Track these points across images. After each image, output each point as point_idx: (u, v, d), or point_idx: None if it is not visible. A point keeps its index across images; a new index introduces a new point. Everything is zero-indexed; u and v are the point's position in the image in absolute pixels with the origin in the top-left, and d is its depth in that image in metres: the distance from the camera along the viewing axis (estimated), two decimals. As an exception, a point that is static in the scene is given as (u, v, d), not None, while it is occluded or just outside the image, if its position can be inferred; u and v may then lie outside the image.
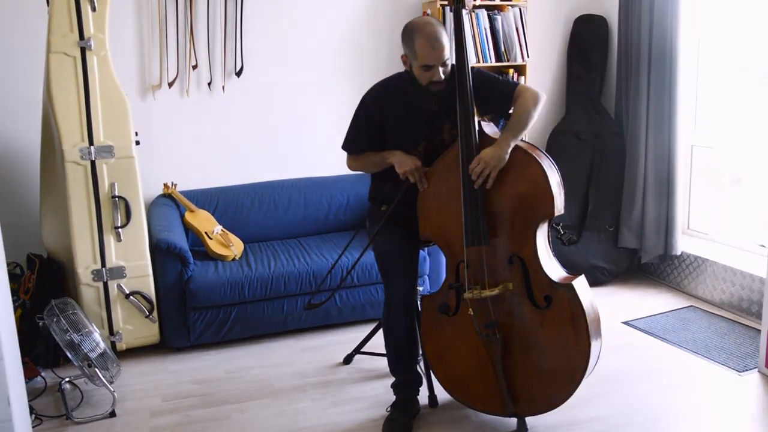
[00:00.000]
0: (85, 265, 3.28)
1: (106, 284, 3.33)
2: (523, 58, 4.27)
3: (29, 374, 3.10)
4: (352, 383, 3.16)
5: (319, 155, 4.30)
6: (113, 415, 2.92)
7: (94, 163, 3.23)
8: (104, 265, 3.31)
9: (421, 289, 3.35)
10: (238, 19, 4.04)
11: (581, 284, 2.51)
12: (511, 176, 2.48)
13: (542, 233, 2.54)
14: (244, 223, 4.03)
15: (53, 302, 3.05)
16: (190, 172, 4.11)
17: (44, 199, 3.55)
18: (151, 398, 3.08)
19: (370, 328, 3.43)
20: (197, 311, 3.47)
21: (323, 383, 3.16)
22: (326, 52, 4.27)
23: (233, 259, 3.72)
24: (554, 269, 2.56)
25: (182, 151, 4.10)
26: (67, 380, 3.12)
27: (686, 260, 4.11)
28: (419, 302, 2.75)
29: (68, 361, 3.03)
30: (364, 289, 3.69)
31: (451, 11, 2.58)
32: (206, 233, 3.78)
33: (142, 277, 3.39)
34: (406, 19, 3.50)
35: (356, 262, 2.92)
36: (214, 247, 3.72)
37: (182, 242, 3.48)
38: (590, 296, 2.54)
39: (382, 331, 2.85)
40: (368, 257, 3.46)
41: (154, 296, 3.43)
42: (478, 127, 2.53)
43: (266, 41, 4.14)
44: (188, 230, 3.81)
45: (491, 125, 2.64)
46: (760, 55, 3.87)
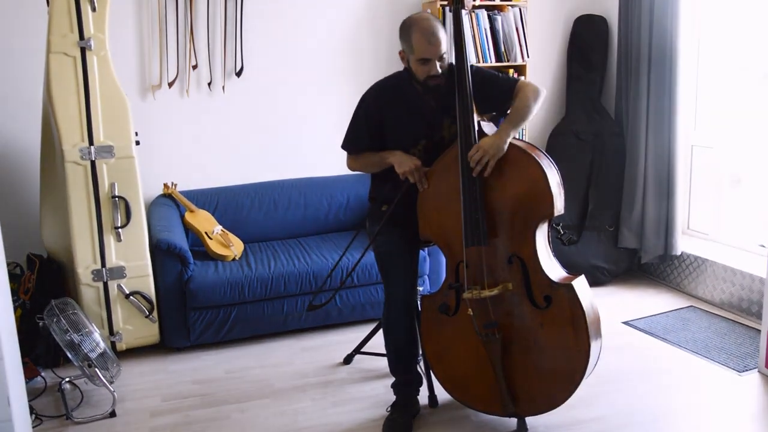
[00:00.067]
0: (85, 265, 3.28)
1: (106, 284, 3.33)
2: (523, 58, 4.27)
3: (29, 374, 3.10)
4: (352, 383, 3.16)
5: (319, 155, 4.30)
6: (113, 415, 2.92)
7: (94, 163, 3.23)
8: (104, 265, 3.31)
9: (421, 289, 3.35)
10: (238, 19, 4.04)
11: (581, 284, 2.51)
12: (510, 176, 2.49)
13: (542, 233, 2.54)
14: (244, 223, 4.03)
15: (53, 302, 3.05)
16: (190, 172, 4.11)
17: (44, 199, 3.55)
18: (151, 398, 3.08)
19: (370, 328, 3.43)
20: (197, 311, 3.47)
21: (323, 383, 3.16)
22: (326, 52, 4.27)
23: (233, 259, 3.72)
24: (554, 269, 2.56)
25: (182, 151, 4.10)
26: (67, 380, 3.12)
27: (686, 260, 4.11)
28: (419, 302, 2.75)
29: (68, 361, 3.03)
30: (364, 289, 3.69)
31: (450, 11, 2.58)
32: (206, 233, 3.78)
33: (142, 277, 3.39)
34: (406, 19, 3.50)
35: (357, 263, 2.92)
36: (214, 247, 3.72)
37: (182, 242, 3.48)
38: (590, 296, 2.54)
39: (382, 331, 2.85)
40: (368, 257, 3.46)
41: (154, 296, 3.43)
42: (477, 127, 2.53)
43: (266, 41, 4.14)
44: (188, 230, 3.81)
45: (491, 125, 2.64)
46: (760, 55, 3.87)
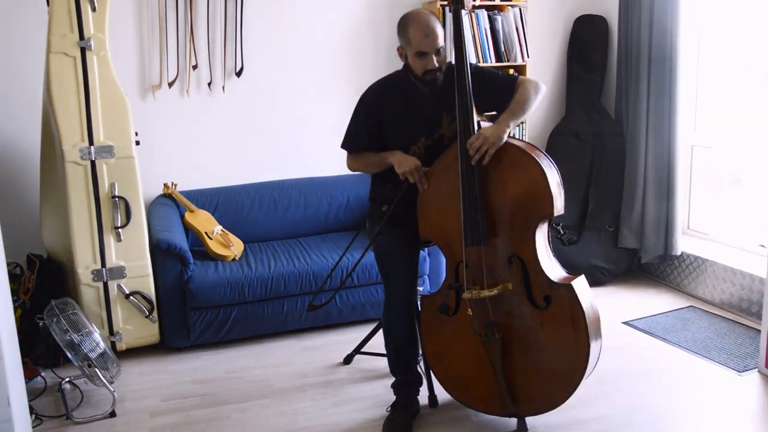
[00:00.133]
0: (85, 265, 3.29)
1: (106, 284, 3.33)
2: (523, 58, 4.27)
3: (29, 374, 3.10)
4: (352, 383, 3.16)
5: (319, 155, 4.30)
6: (113, 415, 2.92)
7: (94, 163, 3.23)
8: (104, 265, 3.31)
9: (421, 289, 3.35)
10: (238, 19, 4.04)
11: (581, 284, 2.51)
12: (510, 176, 2.49)
13: (542, 233, 2.54)
14: (244, 223, 4.03)
15: (53, 302, 3.05)
16: (190, 172, 4.12)
17: (44, 199, 3.55)
18: (151, 398, 3.08)
19: (370, 328, 3.43)
20: (197, 311, 3.47)
21: (323, 383, 3.16)
22: (326, 52, 4.28)
23: (233, 259, 3.72)
24: (554, 269, 2.56)
25: (182, 151, 4.10)
26: (67, 380, 3.12)
27: (686, 260, 4.11)
28: (419, 302, 2.75)
29: (68, 361, 3.03)
30: (364, 289, 3.69)
31: (450, 11, 2.58)
32: (206, 233, 3.78)
33: (142, 277, 3.39)
34: (406, 19, 3.50)
35: (357, 263, 2.92)
36: (214, 247, 3.72)
37: (182, 242, 3.48)
38: (590, 296, 2.54)
39: (382, 331, 2.85)
40: (368, 257, 3.46)
41: (154, 296, 3.43)
42: (477, 127, 2.53)
43: (266, 42, 4.14)
44: (188, 230, 3.81)
45: (490, 125, 2.64)
46: (760, 55, 3.86)
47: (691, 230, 4.34)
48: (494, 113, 2.64)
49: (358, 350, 3.35)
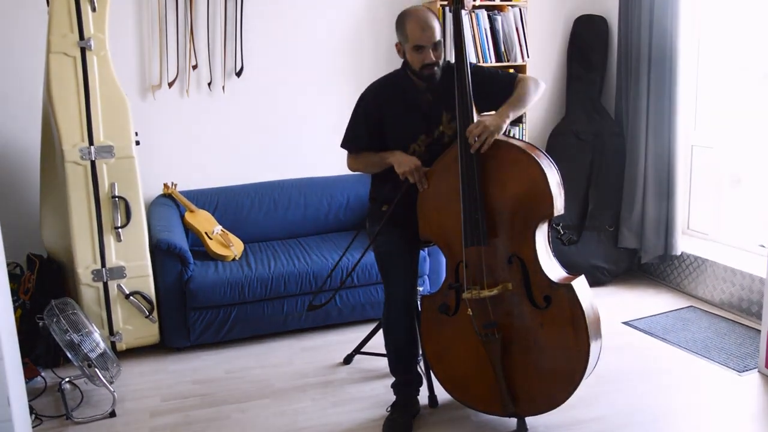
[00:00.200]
0: (85, 265, 3.29)
1: (106, 284, 3.33)
2: (523, 58, 4.27)
3: (29, 374, 3.10)
4: (352, 383, 3.16)
5: (319, 155, 4.30)
6: (113, 415, 2.92)
7: (94, 163, 3.23)
8: (104, 265, 3.31)
9: (421, 289, 3.35)
10: (238, 19, 4.04)
11: (581, 284, 2.51)
12: (510, 176, 2.49)
13: (542, 233, 2.54)
14: (244, 223, 4.03)
15: (53, 302, 3.05)
16: (190, 172, 4.12)
17: (44, 199, 3.55)
18: (151, 398, 3.08)
19: (370, 328, 3.43)
20: (197, 311, 3.47)
21: (323, 383, 3.16)
22: (326, 52, 4.28)
23: (233, 259, 3.72)
24: (554, 269, 2.56)
25: (182, 151, 4.10)
26: (67, 380, 3.12)
27: (686, 260, 4.11)
28: (419, 302, 2.75)
29: (68, 361, 3.03)
30: (364, 289, 3.69)
31: (450, 11, 2.59)
32: (206, 233, 3.78)
33: (142, 277, 3.39)
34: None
35: (357, 263, 2.92)
36: (214, 247, 3.72)
37: (182, 242, 3.48)
38: (590, 296, 2.54)
39: (382, 331, 2.85)
40: (368, 257, 3.46)
41: (154, 296, 3.43)
42: (477, 126, 2.53)
43: (266, 41, 4.14)
44: (188, 230, 3.81)
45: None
46: (760, 55, 3.86)
47: (691, 230, 4.34)
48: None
49: (358, 350, 3.35)
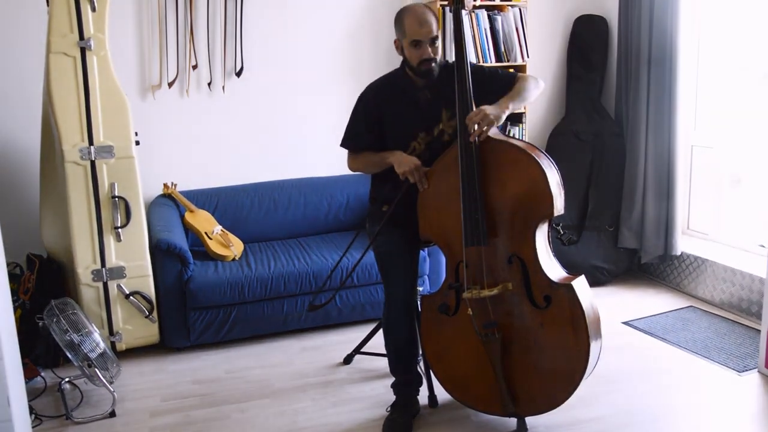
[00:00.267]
0: (85, 265, 3.28)
1: (106, 284, 3.33)
2: (523, 58, 4.27)
3: (29, 374, 3.10)
4: (352, 383, 3.16)
5: (319, 155, 4.30)
6: (113, 415, 2.92)
7: (94, 163, 3.23)
8: (104, 265, 3.31)
9: (421, 289, 3.35)
10: (238, 19, 4.04)
11: (581, 284, 2.51)
12: (510, 176, 2.49)
13: (542, 233, 2.54)
14: (244, 223, 4.03)
15: (53, 302, 3.05)
16: (190, 172, 4.12)
17: (44, 199, 3.55)
18: (151, 398, 3.08)
19: (370, 328, 3.43)
20: (197, 311, 3.47)
21: (323, 383, 3.16)
22: (326, 52, 4.28)
23: (233, 259, 3.72)
24: (554, 269, 2.56)
25: (182, 151, 4.10)
26: (67, 380, 3.12)
27: (686, 260, 4.11)
28: (419, 302, 2.75)
29: (68, 361, 3.03)
30: (364, 289, 3.69)
31: (450, 11, 2.59)
32: (206, 233, 3.78)
33: (142, 277, 3.39)
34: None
35: (357, 263, 2.91)
36: (214, 247, 3.72)
37: (182, 242, 3.48)
38: (590, 296, 2.54)
39: (382, 331, 2.85)
40: (368, 257, 3.45)
41: (154, 296, 3.43)
42: (477, 126, 2.53)
43: (266, 41, 4.14)
44: (188, 230, 3.81)
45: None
46: (760, 55, 3.86)
47: (691, 230, 4.34)
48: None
49: (358, 350, 3.35)
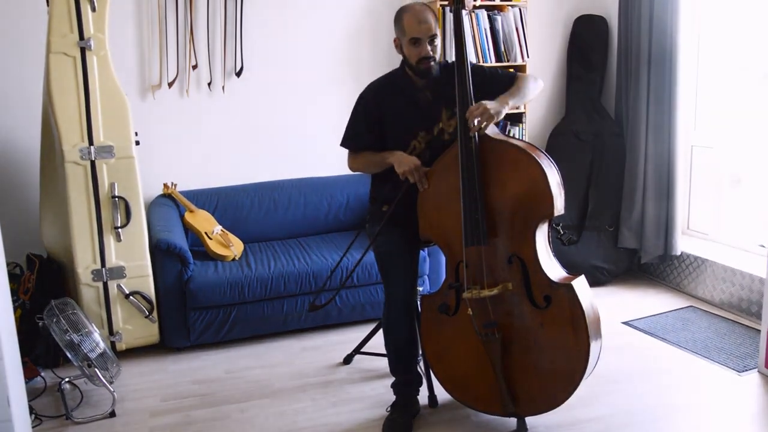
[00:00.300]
0: (84, 265, 3.28)
1: (105, 284, 3.33)
2: (523, 58, 4.27)
3: (29, 374, 3.10)
4: (352, 383, 3.16)
5: (319, 155, 4.30)
6: (113, 415, 2.92)
7: (94, 163, 3.23)
8: (104, 265, 3.31)
9: (421, 289, 3.35)
10: (238, 19, 4.04)
11: (581, 284, 2.51)
12: (510, 176, 2.49)
13: (542, 233, 2.54)
14: (244, 223, 4.03)
15: (53, 302, 3.05)
16: (190, 172, 4.12)
17: (44, 199, 3.55)
18: (150, 398, 3.08)
19: (370, 328, 3.43)
20: (197, 311, 3.47)
21: (323, 383, 3.16)
22: (326, 52, 4.28)
23: (233, 259, 3.72)
24: (554, 269, 2.56)
25: (182, 151, 4.10)
26: (67, 380, 3.12)
27: (686, 260, 4.11)
28: (419, 302, 2.75)
29: (68, 361, 3.03)
30: (364, 289, 3.69)
31: (450, 11, 2.59)
32: (206, 233, 3.78)
33: (142, 277, 3.39)
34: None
35: (357, 263, 2.92)
36: (214, 247, 3.72)
37: (182, 242, 3.48)
38: (590, 296, 2.54)
39: (382, 331, 2.85)
40: (368, 257, 3.45)
41: (154, 296, 3.43)
42: (477, 126, 2.53)
43: (266, 41, 4.14)
44: (188, 230, 3.81)
45: (491, 125, 2.64)
46: (760, 55, 3.86)
47: (690, 230, 4.34)
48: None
49: (358, 350, 3.35)
